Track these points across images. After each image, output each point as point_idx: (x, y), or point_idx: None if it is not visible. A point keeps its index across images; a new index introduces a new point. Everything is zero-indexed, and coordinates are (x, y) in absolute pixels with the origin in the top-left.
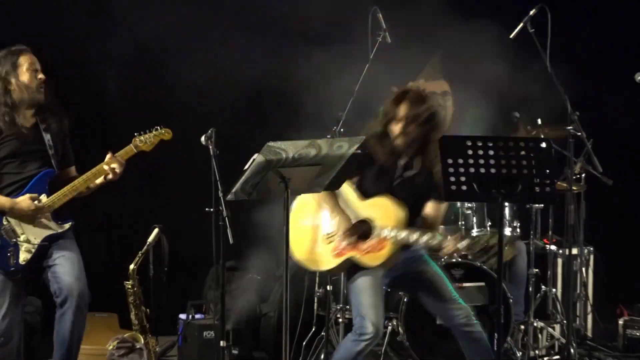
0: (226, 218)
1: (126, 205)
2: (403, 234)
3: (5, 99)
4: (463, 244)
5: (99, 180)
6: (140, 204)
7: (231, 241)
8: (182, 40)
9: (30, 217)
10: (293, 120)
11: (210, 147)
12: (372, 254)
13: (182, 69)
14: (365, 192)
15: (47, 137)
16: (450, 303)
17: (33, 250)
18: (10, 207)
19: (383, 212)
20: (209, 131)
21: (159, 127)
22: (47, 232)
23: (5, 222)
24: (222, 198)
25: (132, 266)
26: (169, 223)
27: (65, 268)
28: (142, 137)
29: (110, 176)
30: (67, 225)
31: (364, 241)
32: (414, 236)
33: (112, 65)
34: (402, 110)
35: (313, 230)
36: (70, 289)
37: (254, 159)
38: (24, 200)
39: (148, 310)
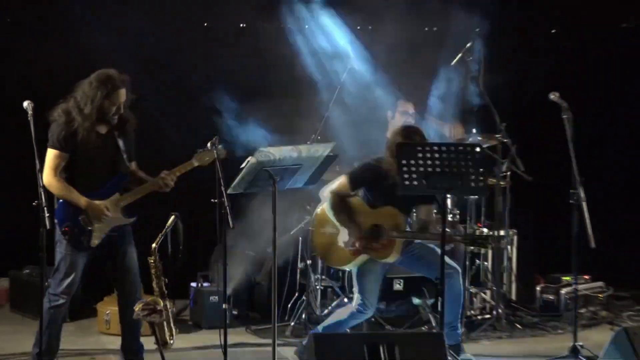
0: (227, 207)
1: (150, 198)
2: (407, 234)
3: (92, 113)
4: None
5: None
6: (160, 197)
7: (231, 226)
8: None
9: (99, 219)
10: (281, 128)
11: (215, 150)
12: (384, 251)
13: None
14: (374, 203)
15: (120, 142)
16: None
17: (103, 237)
18: (86, 207)
19: (390, 218)
20: (214, 138)
21: (216, 146)
22: (116, 224)
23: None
24: (224, 191)
25: (154, 245)
26: (182, 211)
27: (126, 265)
28: (201, 155)
29: (163, 189)
30: (132, 219)
31: (376, 241)
32: (414, 234)
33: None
34: None
35: (332, 236)
36: (130, 290)
37: (248, 161)
38: (98, 207)
39: (166, 279)
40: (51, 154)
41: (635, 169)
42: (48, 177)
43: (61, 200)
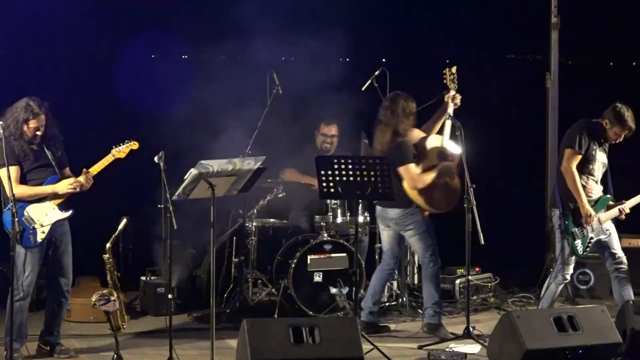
0: (171, 212)
1: (106, 203)
2: None
3: (22, 135)
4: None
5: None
6: (114, 202)
7: (175, 227)
8: None
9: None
10: (218, 144)
11: (161, 163)
12: None
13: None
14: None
15: (49, 153)
16: None
17: (45, 232)
18: (53, 191)
19: None
20: (160, 153)
21: (129, 140)
22: (55, 219)
23: (25, 213)
24: (169, 198)
25: (108, 244)
26: (133, 215)
27: (63, 262)
28: (118, 148)
29: (77, 190)
30: (68, 213)
31: None
32: None
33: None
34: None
35: None
36: (63, 284)
37: (190, 172)
38: (61, 184)
39: (119, 274)
40: (6, 170)
41: (518, 179)
42: (15, 189)
43: (5, 210)
